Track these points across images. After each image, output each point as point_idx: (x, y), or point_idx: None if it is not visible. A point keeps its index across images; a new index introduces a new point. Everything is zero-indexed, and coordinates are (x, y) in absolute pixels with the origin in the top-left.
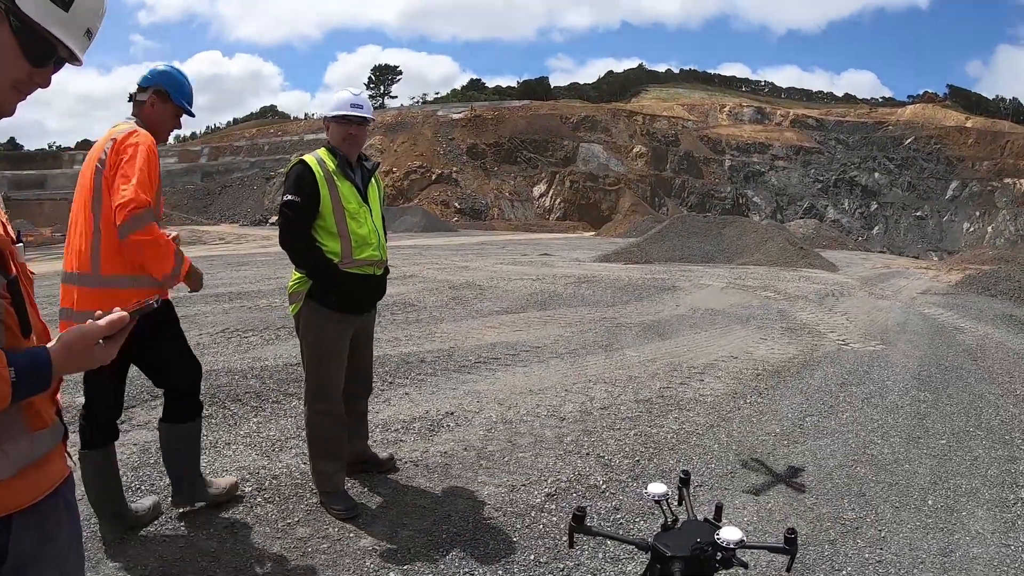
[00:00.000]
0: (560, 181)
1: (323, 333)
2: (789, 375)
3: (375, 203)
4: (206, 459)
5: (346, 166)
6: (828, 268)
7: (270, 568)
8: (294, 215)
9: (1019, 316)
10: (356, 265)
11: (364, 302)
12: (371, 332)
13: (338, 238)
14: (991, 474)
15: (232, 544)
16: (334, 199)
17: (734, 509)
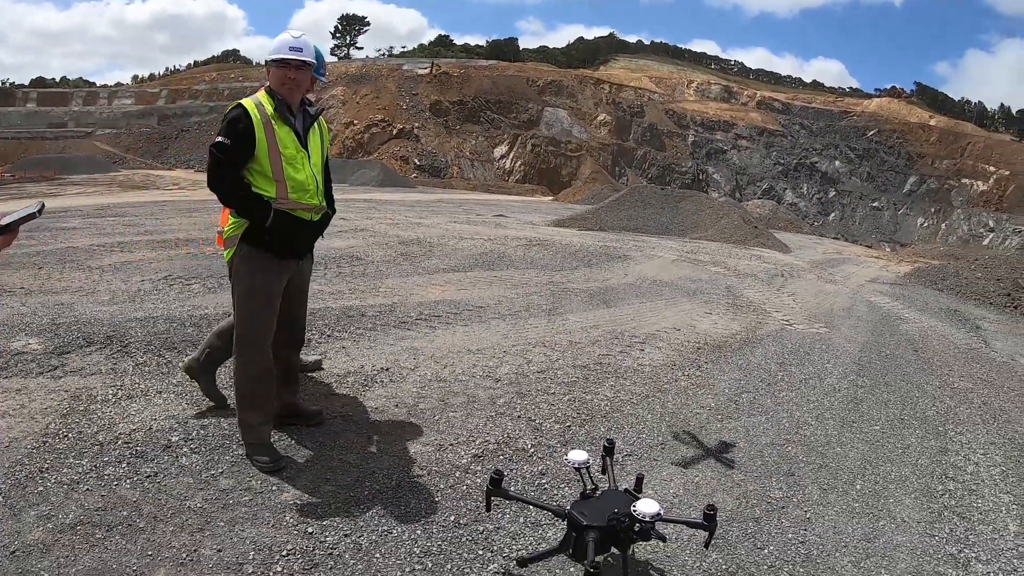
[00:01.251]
0: (522, 144)
1: (255, 279)
2: (730, 351)
3: (316, 149)
4: (136, 407)
5: (285, 110)
6: (780, 249)
7: (189, 519)
8: (220, 156)
9: (963, 312)
10: (290, 207)
11: (298, 246)
12: (306, 284)
13: (274, 182)
14: (922, 464)
15: (155, 494)
16: (270, 143)
17: (661, 481)
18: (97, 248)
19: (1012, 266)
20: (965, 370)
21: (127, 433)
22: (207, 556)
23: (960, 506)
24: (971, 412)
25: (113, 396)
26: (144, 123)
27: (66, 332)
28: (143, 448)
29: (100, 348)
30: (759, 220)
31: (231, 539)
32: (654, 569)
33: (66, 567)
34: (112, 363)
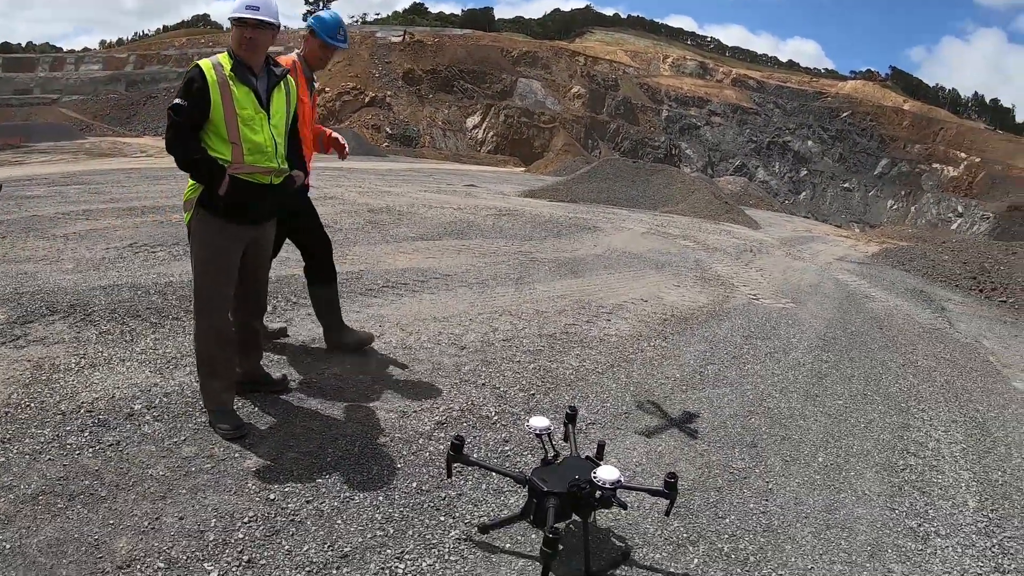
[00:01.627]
0: (495, 114)
1: (211, 243)
2: (696, 323)
3: (280, 110)
4: (99, 375)
5: (245, 71)
6: (750, 225)
7: (151, 487)
8: (176, 118)
9: (929, 292)
10: (246, 171)
11: (255, 212)
12: (267, 250)
13: (229, 144)
14: (883, 438)
15: (117, 462)
16: (226, 104)
17: (624, 450)
18: (62, 216)
19: (979, 250)
20: (929, 349)
21: (90, 402)
22: (169, 524)
23: (920, 481)
24: (934, 390)
25: (76, 365)
26: (111, 89)
27: (29, 301)
28: (105, 417)
29: (63, 317)
30: (730, 196)
31: (193, 507)
32: (616, 537)
33: (27, 537)
34: (75, 332)
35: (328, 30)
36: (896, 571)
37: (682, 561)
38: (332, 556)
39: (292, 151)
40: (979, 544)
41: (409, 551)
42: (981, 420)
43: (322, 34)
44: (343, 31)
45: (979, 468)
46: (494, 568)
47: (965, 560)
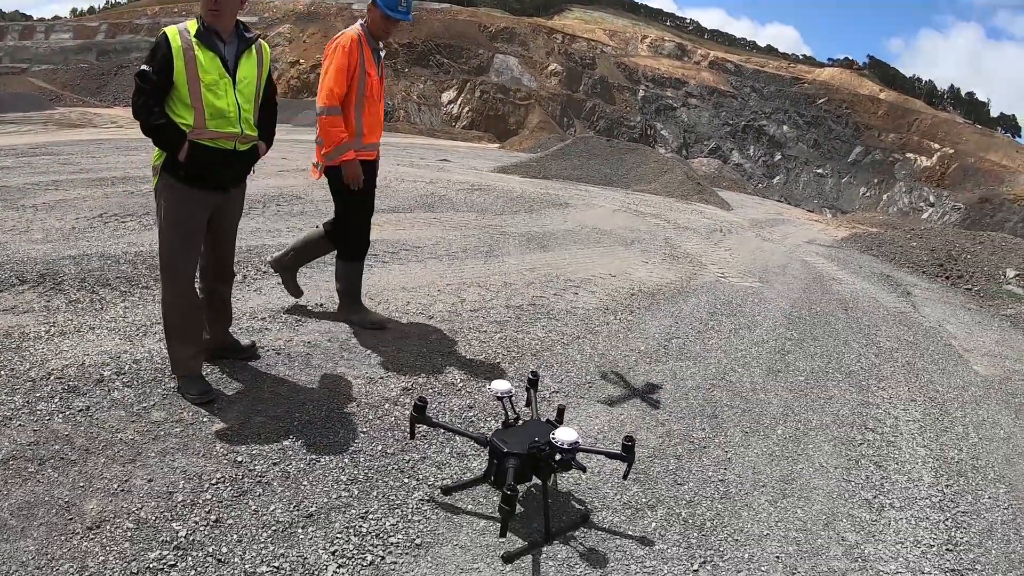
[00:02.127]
0: (471, 90)
1: (175, 209)
2: (663, 298)
3: (248, 76)
4: (69, 343)
5: (212, 36)
6: (722, 206)
7: (121, 451)
8: (141, 84)
9: (896, 277)
10: (208, 137)
11: (218, 177)
12: (233, 218)
13: (191, 109)
14: (843, 414)
15: (87, 427)
16: (189, 69)
17: (586, 418)
18: (31, 187)
19: (947, 238)
20: (892, 331)
21: (60, 369)
22: (138, 486)
23: (878, 455)
24: (894, 370)
25: (46, 333)
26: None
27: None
28: (76, 383)
29: (33, 286)
30: (703, 178)
31: (162, 469)
32: (575, 500)
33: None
34: (45, 301)
35: (389, 3)
36: (850, 539)
37: (640, 525)
38: (298, 516)
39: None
40: (933, 517)
41: (373, 511)
42: (940, 400)
43: (382, 4)
44: (406, 2)
45: (936, 445)
46: (456, 527)
47: (919, 532)
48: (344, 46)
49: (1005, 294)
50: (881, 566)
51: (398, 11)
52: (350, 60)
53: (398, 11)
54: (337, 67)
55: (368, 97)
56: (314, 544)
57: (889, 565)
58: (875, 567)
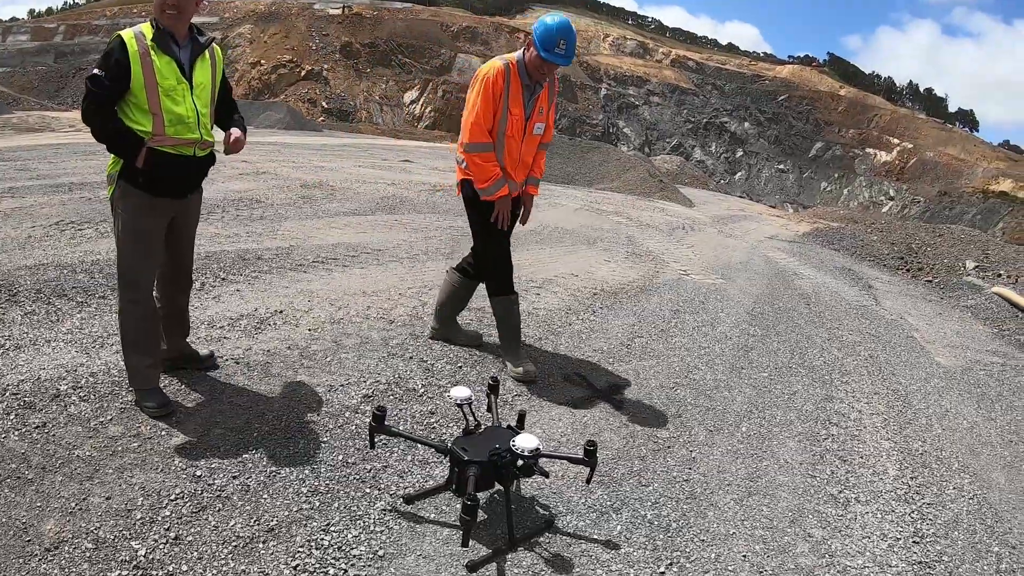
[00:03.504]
0: (433, 89)
1: (134, 218)
2: (626, 297)
3: (203, 81)
4: (24, 357)
5: (168, 40)
6: (684, 203)
7: (78, 468)
8: (94, 89)
9: (857, 271)
10: (169, 143)
11: (177, 185)
12: (191, 224)
13: (150, 115)
14: (806, 409)
15: (43, 445)
16: (147, 75)
17: (549, 420)
18: None
19: (907, 232)
20: (854, 325)
21: (15, 384)
22: (96, 504)
23: (842, 450)
24: (857, 363)
25: (0, 348)
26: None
27: None
28: (31, 399)
29: None
30: (666, 175)
31: (120, 486)
32: (540, 505)
33: None
34: (0, 313)
35: (545, 40)
36: (816, 536)
37: (605, 528)
38: (258, 530)
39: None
40: (899, 510)
41: (335, 523)
42: (903, 393)
43: (538, 43)
44: (566, 43)
45: (900, 438)
46: (419, 537)
47: (884, 525)
48: (489, 78)
49: (965, 285)
50: (848, 561)
51: (554, 53)
52: (492, 93)
53: (554, 53)
54: (477, 100)
55: (510, 136)
56: (275, 559)
57: (856, 560)
58: (842, 562)
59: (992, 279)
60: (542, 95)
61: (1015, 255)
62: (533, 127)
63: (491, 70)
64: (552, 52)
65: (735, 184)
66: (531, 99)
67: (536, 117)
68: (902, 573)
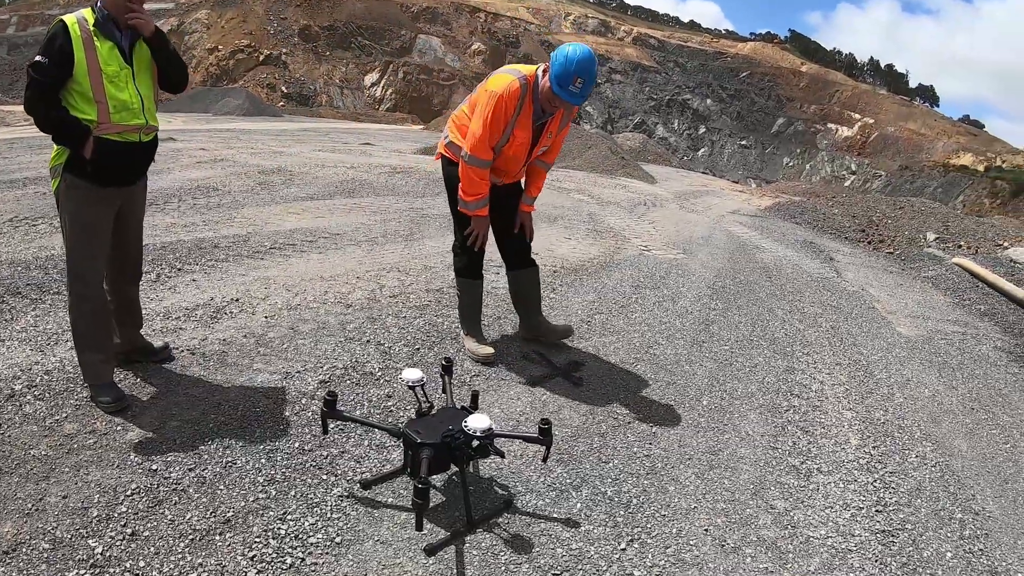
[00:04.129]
0: (394, 71)
1: (81, 210)
2: (587, 274)
3: (144, 64)
4: None
5: (110, 25)
6: (647, 180)
7: (34, 468)
8: (37, 76)
9: (819, 244)
10: (115, 131)
11: (124, 173)
12: (139, 212)
13: (94, 103)
14: (768, 381)
15: None
16: (90, 61)
17: (508, 400)
18: None
19: (868, 204)
20: (816, 297)
21: None
22: (52, 504)
23: (804, 421)
24: (819, 335)
25: None
26: None
27: None
28: None
29: None
30: (629, 152)
31: (76, 484)
32: (498, 485)
33: None
34: None
35: (561, 76)
36: (779, 507)
37: (565, 506)
38: (215, 522)
39: None
40: (861, 479)
41: (292, 512)
42: (865, 363)
43: (553, 78)
44: (583, 83)
45: (862, 408)
46: (376, 522)
47: (847, 495)
48: (503, 99)
49: (926, 257)
50: (811, 531)
51: (568, 91)
52: (505, 115)
53: (568, 91)
54: (488, 116)
55: (504, 155)
56: (232, 551)
57: (819, 530)
58: (805, 533)
59: (952, 250)
60: (553, 121)
61: (975, 227)
62: (538, 150)
63: (507, 90)
64: (566, 89)
65: (698, 160)
66: (540, 124)
67: (543, 141)
68: (865, 542)
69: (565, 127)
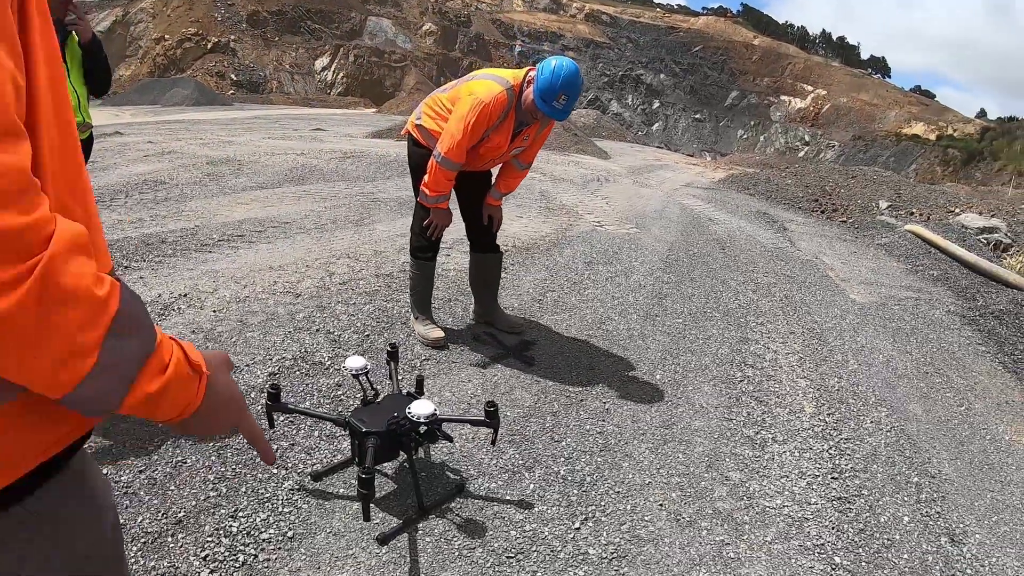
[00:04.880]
0: (344, 55)
1: None
2: (538, 252)
3: (75, 62)
4: None
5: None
6: (600, 156)
7: None
8: None
9: (772, 214)
10: None
11: None
12: None
13: None
14: (722, 353)
15: None
16: None
17: (459, 383)
18: None
19: (821, 174)
20: (769, 267)
21: None
22: None
23: (758, 391)
24: (772, 304)
25: None
26: None
27: None
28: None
29: None
30: (582, 129)
31: None
32: (450, 470)
33: None
34: None
35: (545, 91)
36: (734, 478)
37: (518, 488)
38: (167, 524)
39: None
40: (816, 447)
41: (243, 508)
42: (819, 331)
43: (536, 91)
44: (567, 99)
45: (816, 375)
46: (328, 514)
47: (803, 463)
48: (487, 108)
49: (879, 224)
50: (767, 502)
51: (551, 106)
52: (488, 123)
53: (551, 106)
54: (471, 121)
55: (476, 152)
56: (185, 551)
57: (775, 500)
58: (760, 503)
59: (905, 218)
60: (531, 126)
61: (927, 194)
62: (511, 150)
63: (493, 100)
64: (549, 104)
65: (653, 135)
66: (518, 132)
67: (518, 143)
68: (821, 510)
69: (544, 130)
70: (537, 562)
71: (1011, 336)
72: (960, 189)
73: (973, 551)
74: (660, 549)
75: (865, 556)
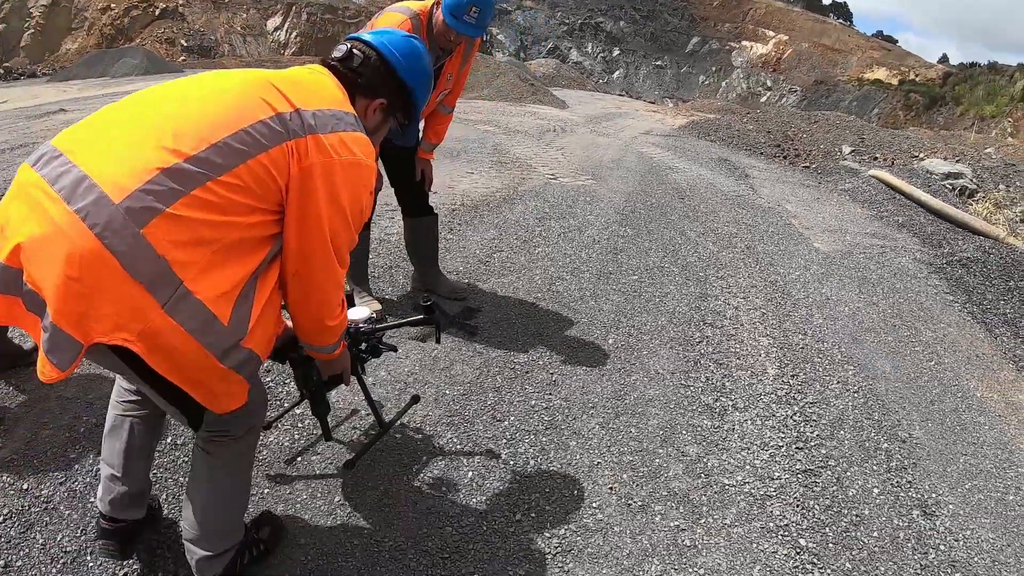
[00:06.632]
0: (296, 13)
1: None
2: (487, 210)
3: None
4: None
5: None
6: (557, 105)
7: None
8: None
9: (734, 161)
10: None
11: None
12: None
13: None
14: (680, 311)
15: None
16: None
17: (396, 359)
18: None
19: (783, 119)
20: (730, 215)
21: None
22: None
23: (717, 352)
24: (734, 256)
25: None
26: None
27: None
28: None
29: None
30: (542, 79)
31: None
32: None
33: None
34: None
35: (453, 6)
36: (691, 453)
37: (454, 476)
38: (85, 541)
39: None
40: (779, 413)
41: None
42: (782, 283)
43: (444, 8)
44: (479, 11)
45: (779, 333)
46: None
47: (765, 432)
48: None
49: (842, 170)
50: (726, 479)
51: (462, 21)
52: None
53: (462, 21)
54: None
55: None
56: (104, 569)
57: (735, 476)
58: (719, 481)
59: (868, 163)
60: (452, 61)
61: (890, 139)
62: (436, 96)
63: (389, 20)
64: (460, 20)
65: (614, 83)
66: (438, 67)
67: (442, 85)
68: (785, 485)
69: (467, 64)
70: (474, 562)
71: (979, 285)
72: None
73: (947, 524)
74: (609, 540)
75: (832, 536)
